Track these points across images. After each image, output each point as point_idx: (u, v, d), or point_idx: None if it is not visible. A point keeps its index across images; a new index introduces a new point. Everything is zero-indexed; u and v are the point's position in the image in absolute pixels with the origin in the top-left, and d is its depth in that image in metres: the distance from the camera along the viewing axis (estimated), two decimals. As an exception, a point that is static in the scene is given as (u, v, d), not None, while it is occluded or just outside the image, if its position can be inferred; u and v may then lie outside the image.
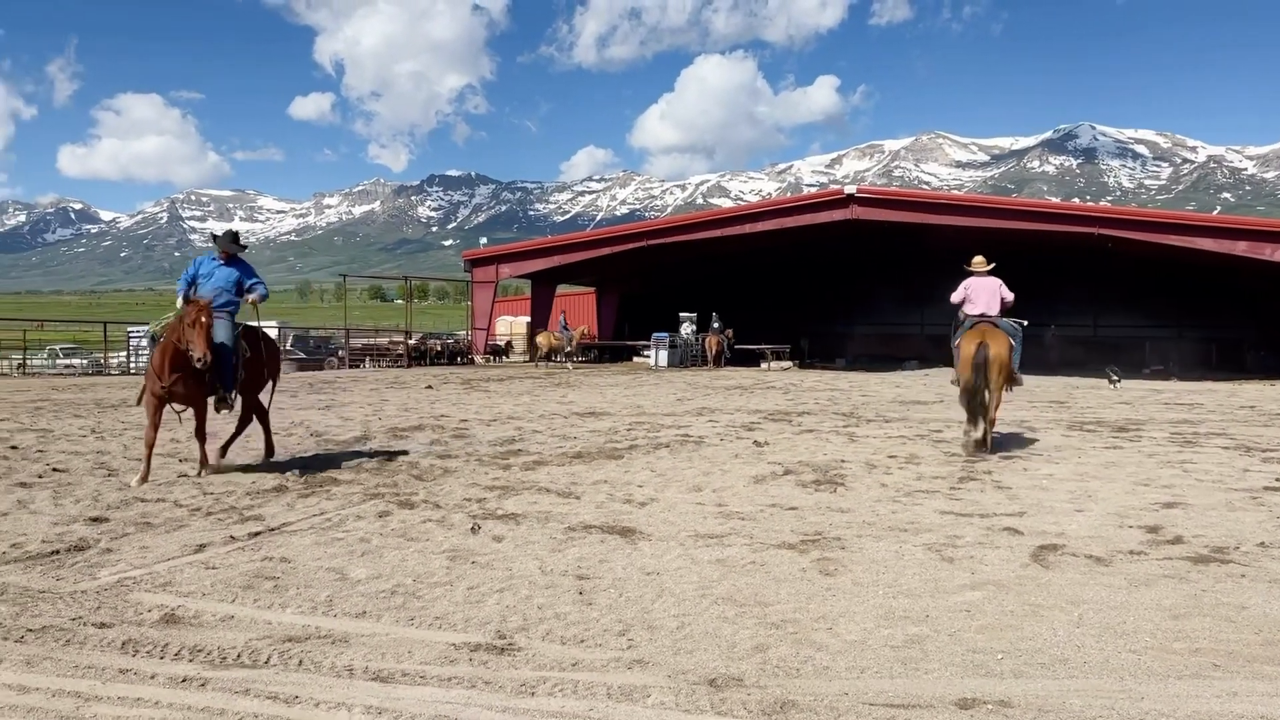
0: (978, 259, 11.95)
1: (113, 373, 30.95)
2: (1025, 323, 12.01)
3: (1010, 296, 11.57)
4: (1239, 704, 3.54)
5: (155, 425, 8.42)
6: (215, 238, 9.25)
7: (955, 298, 11.83)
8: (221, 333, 8.54)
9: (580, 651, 4.13)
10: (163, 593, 4.94)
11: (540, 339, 36.25)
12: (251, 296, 9.03)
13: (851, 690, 3.69)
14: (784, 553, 5.93)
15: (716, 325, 37.28)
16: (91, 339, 45.71)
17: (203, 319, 7.99)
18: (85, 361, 36.92)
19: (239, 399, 9.15)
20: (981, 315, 11.45)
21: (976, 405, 10.79)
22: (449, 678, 3.79)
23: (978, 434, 10.85)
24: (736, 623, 4.53)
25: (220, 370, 8.54)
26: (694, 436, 12.36)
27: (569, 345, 36.49)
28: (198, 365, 7.92)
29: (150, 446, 8.38)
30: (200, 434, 8.83)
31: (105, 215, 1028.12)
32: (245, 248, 9.40)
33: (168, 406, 8.54)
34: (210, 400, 8.80)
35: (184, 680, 3.73)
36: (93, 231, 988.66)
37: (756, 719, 3.43)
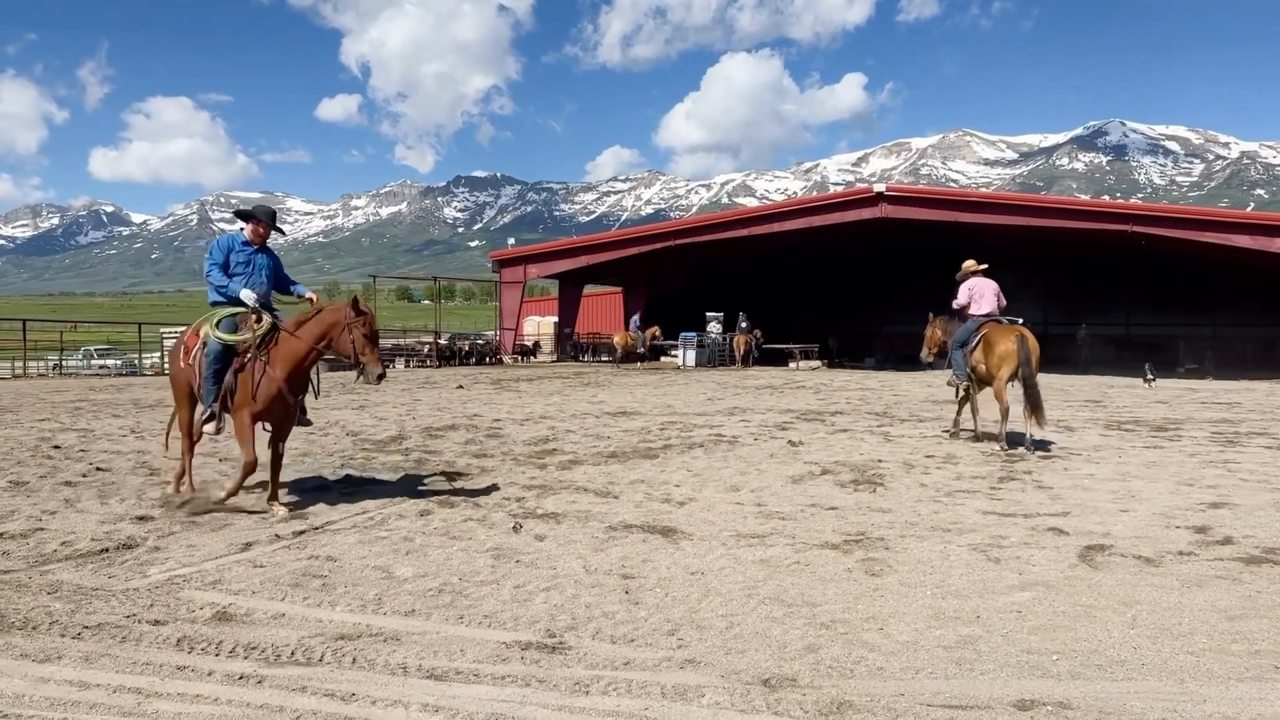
0: (970, 261, 12.21)
1: (147, 373, 31.32)
2: (1022, 320, 12.16)
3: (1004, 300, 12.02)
4: (1304, 707, 3.48)
5: (254, 443, 7.11)
6: (248, 214, 7.70)
7: (961, 300, 12.06)
8: None
9: (631, 651, 4.13)
10: (213, 590, 4.99)
11: (618, 339, 37.58)
12: (308, 294, 7.80)
13: (908, 691, 3.66)
14: (827, 553, 5.90)
15: (744, 325, 37.20)
16: (126, 340, 46.25)
17: (375, 329, 7.30)
18: (119, 362, 37.37)
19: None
20: (989, 315, 11.73)
21: (1035, 397, 10.74)
22: (503, 676, 3.80)
23: (1006, 427, 11.08)
24: (785, 623, 4.51)
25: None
26: (727, 436, 12.33)
27: (641, 346, 37.63)
28: (376, 382, 7.29)
29: (251, 470, 7.14)
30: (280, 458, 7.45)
31: (136, 218, 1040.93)
32: (283, 231, 8.16)
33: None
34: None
35: (241, 678, 3.76)
36: (124, 234, 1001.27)
37: (813, 719, 3.41)
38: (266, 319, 7.27)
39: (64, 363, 35.01)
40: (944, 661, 3.99)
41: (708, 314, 39.28)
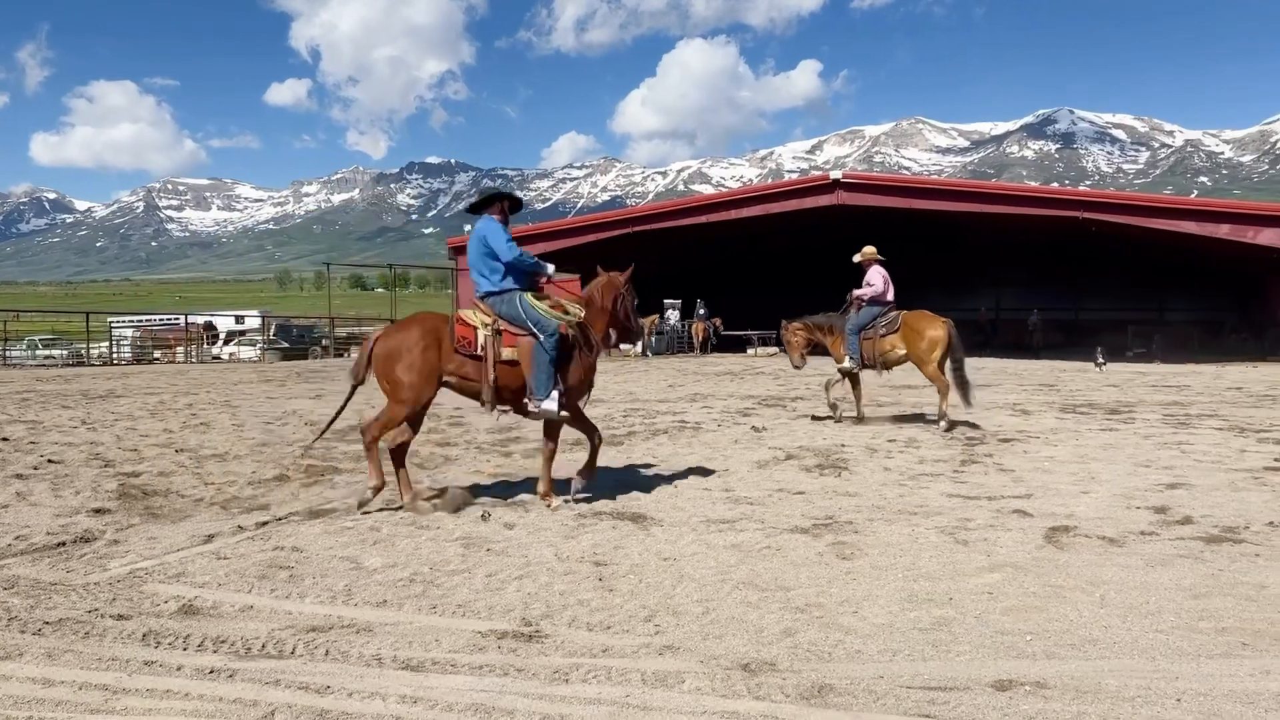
0: (870, 248, 12.64)
1: (94, 364, 30.65)
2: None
3: None
4: (1273, 682, 3.55)
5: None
6: (500, 195, 7.32)
7: (879, 287, 12.33)
8: None
9: (608, 638, 4.10)
10: (177, 583, 4.88)
11: (647, 321, 37.17)
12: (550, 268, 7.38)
13: (886, 673, 3.67)
14: (798, 537, 5.91)
15: (702, 312, 37.29)
16: (72, 330, 45.20)
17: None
18: (66, 353, 36.52)
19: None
20: (892, 303, 12.32)
21: (964, 379, 11.59)
22: (480, 666, 3.75)
23: (947, 405, 11.58)
24: (761, 607, 4.51)
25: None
26: (691, 423, 12.34)
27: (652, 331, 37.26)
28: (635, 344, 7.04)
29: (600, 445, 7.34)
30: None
31: (80, 205, 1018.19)
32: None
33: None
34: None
35: (212, 672, 3.68)
36: (68, 221, 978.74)
37: (795, 703, 3.41)
38: (571, 302, 7.17)
39: (7, 354, 34.14)
40: (920, 643, 4.01)
41: (665, 301, 39.29)
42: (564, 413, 6.96)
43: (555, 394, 6.84)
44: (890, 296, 12.33)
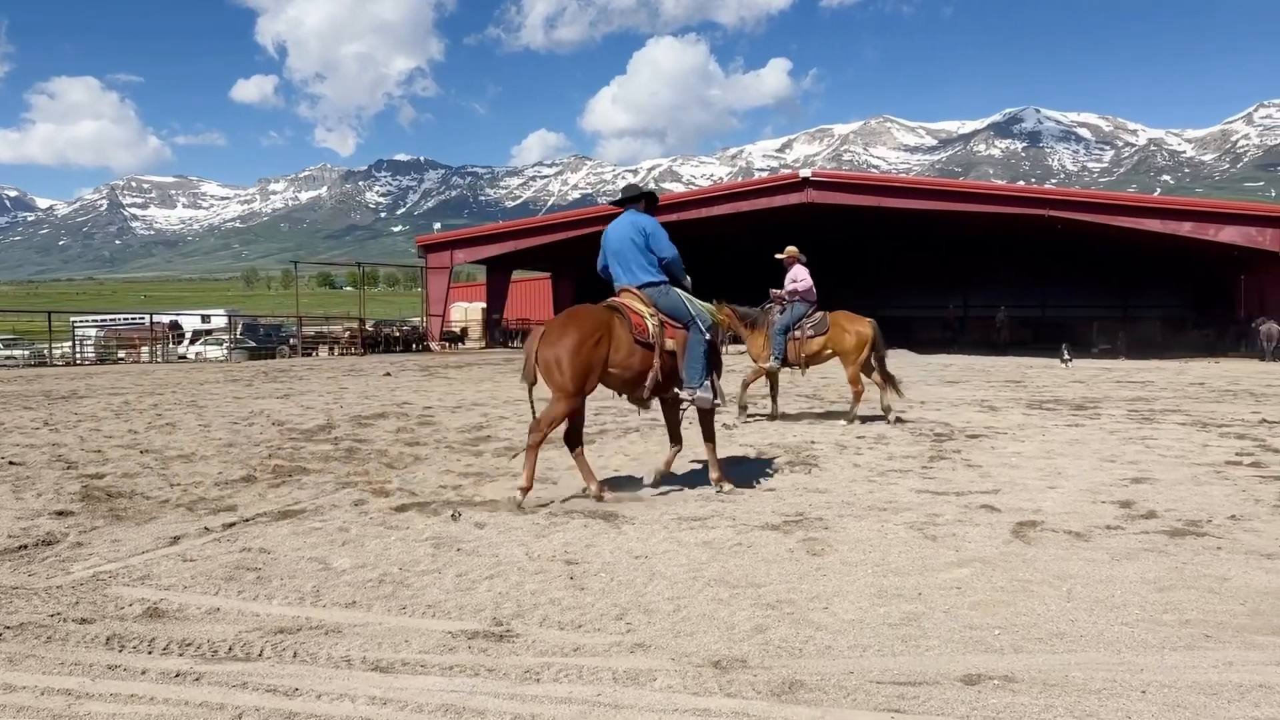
0: (793, 248, 12.87)
1: (57, 364, 30.18)
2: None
3: None
4: (1235, 674, 3.60)
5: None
6: (644, 195, 7.77)
7: (807, 284, 12.59)
8: None
9: (579, 637, 4.09)
10: (142, 586, 4.81)
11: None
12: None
13: (856, 669, 3.69)
14: (768, 534, 5.93)
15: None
16: (34, 330, 44.47)
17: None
18: (27, 353, 35.95)
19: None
20: (815, 302, 12.64)
21: (889, 374, 12.38)
22: (450, 666, 3.73)
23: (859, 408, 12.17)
24: (732, 604, 4.52)
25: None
26: (663, 420, 12.31)
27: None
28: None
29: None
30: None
31: (42, 203, 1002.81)
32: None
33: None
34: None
35: (177, 675, 3.63)
36: (29, 220, 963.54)
37: (766, 700, 3.42)
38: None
39: (-33, 354, 33.55)
40: (890, 639, 4.03)
41: (635, 300, 39.25)
42: (718, 400, 7.38)
43: (708, 383, 7.26)
44: (812, 297, 12.54)
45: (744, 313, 12.88)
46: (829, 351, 12.35)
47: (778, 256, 13.00)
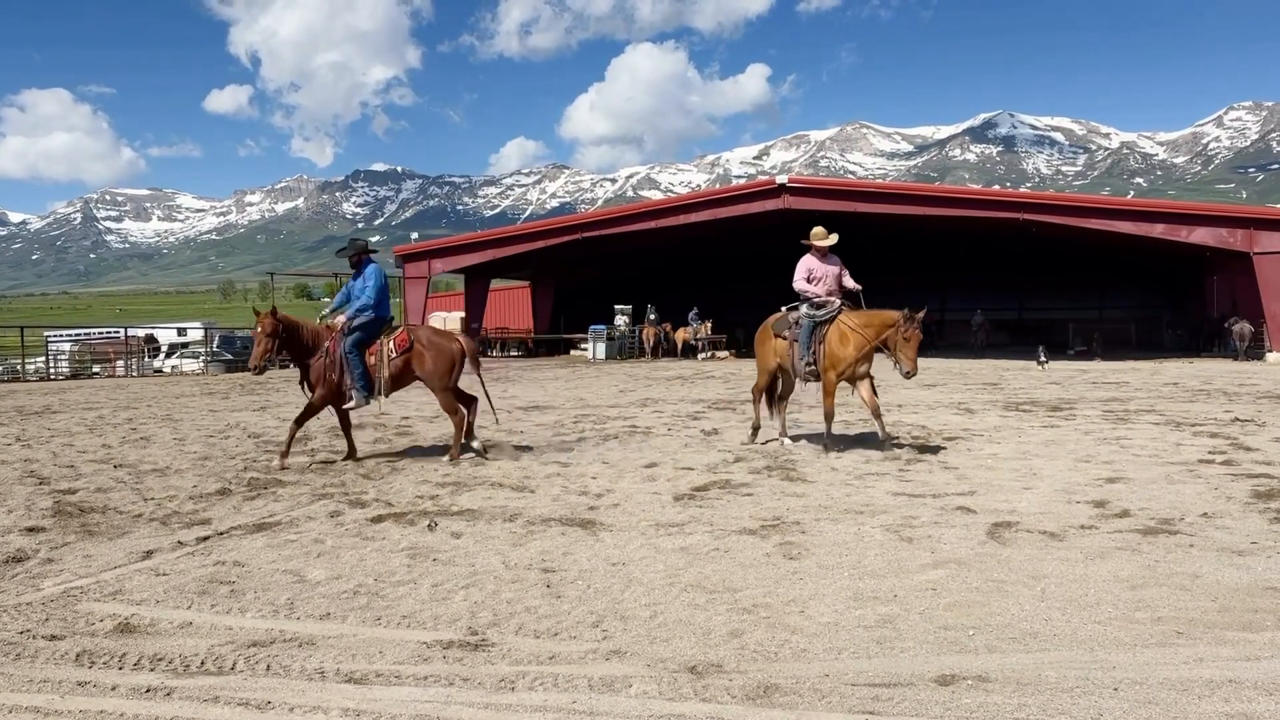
0: (819, 229, 11.19)
1: (30, 379, 29.84)
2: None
3: None
4: (1206, 670, 3.63)
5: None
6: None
7: (804, 283, 10.96)
8: None
9: (555, 645, 4.08)
10: (114, 601, 4.76)
11: (679, 335, 37.48)
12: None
13: (831, 672, 3.70)
14: (746, 538, 5.94)
15: (653, 317, 37.34)
16: (7, 345, 43.97)
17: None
18: (0, 369, 35.50)
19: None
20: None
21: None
22: (425, 676, 3.71)
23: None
24: (708, 609, 4.52)
25: None
26: (641, 427, 12.34)
27: (694, 338, 37.33)
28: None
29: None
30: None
31: (14, 217, 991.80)
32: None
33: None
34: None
35: (148, 690, 3.59)
36: (1, 234, 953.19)
37: (741, 704, 3.42)
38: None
39: (-61, 370, 33.13)
40: (865, 641, 4.05)
41: (616, 307, 39.27)
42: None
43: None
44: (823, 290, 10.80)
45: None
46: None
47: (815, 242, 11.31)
